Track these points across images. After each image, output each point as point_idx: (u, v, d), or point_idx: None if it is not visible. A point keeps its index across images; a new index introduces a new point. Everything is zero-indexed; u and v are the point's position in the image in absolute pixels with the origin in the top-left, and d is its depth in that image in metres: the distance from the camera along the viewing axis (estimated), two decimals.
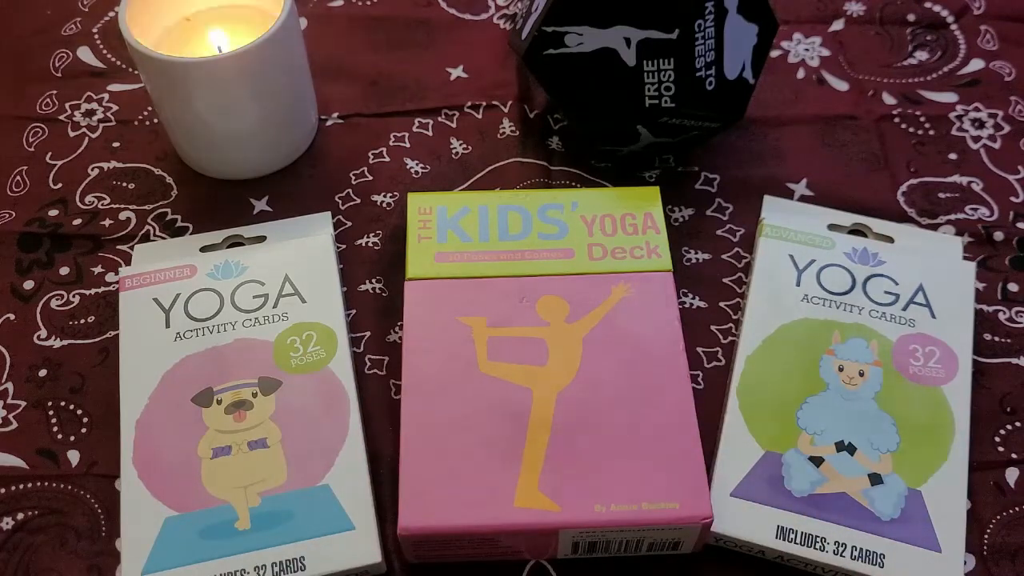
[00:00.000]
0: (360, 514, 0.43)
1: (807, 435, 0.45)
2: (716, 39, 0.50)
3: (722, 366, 0.49)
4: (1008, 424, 0.47)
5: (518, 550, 0.43)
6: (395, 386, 0.49)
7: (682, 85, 0.50)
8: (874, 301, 0.49)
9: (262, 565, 0.42)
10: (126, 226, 0.55)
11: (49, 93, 0.61)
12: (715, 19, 0.49)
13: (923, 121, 0.59)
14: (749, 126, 0.59)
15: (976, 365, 0.49)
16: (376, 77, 0.62)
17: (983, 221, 0.55)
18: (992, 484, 0.46)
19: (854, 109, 0.60)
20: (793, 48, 0.63)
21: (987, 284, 0.52)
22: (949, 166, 0.57)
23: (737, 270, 0.53)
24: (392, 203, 0.56)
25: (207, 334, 0.48)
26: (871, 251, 0.51)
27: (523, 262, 0.49)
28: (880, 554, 0.42)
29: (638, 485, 0.42)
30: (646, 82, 0.50)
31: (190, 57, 0.50)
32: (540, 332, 0.47)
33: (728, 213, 0.55)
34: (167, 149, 0.58)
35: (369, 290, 0.53)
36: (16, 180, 0.57)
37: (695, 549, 0.43)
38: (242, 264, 0.51)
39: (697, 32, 0.49)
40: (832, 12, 0.66)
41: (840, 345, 0.48)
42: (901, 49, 0.63)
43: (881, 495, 0.43)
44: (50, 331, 0.51)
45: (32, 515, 0.45)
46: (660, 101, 0.50)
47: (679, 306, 0.48)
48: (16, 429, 0.48)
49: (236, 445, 0.45)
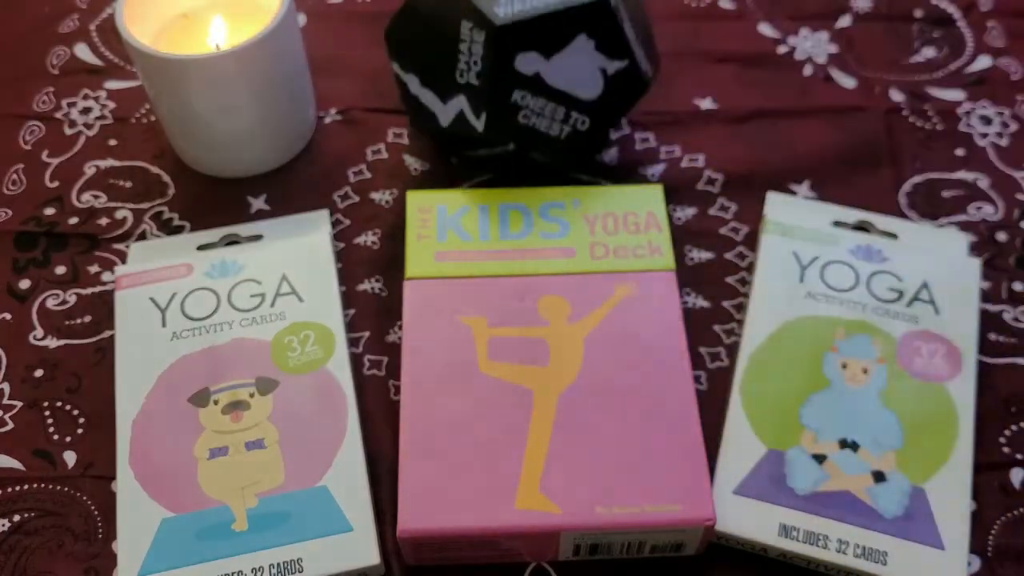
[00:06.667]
0: (358, 515, 0.43)
1: (810, 432, 0.45)
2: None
3: (725, 366, 0.49)
4: (1013, 424, 0.47)
5: (519, 552, 0.43)
6: (394, 386, 0.49)
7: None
8: (878, 298, 0.49)
9: (259, 567, 0.41)
10: (123, 225, 0.55)
11: (46, 90, 0.61)
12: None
13: (931, 116, 0.59)
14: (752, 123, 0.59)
15: (981, 366, 0.48)
16: (375, 73, 0.61)
17: (986, 221, 0.54)
18: (997, 485, 0.45)
19: (861, 106, 0.60)
20: (800, 44, 0.63)
21: (992, 284, 0.52)
22: (956, 162, 0.57)
23: (740, 269, 0.53)
24: (391, 201, 0.56)
25: (204, 334, 0.48)
26: (875, 248, 0.51)
27: (524, 261, 0.49)
28: (883, 552, 0.42)
29: (640, 487, 0.42)
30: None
31: (187, 54, 0.50)
32: (541, 332, 0.46)
33: (731, 212, 0.55)
34: (164, 147, 0.58)
35: (368, 289, 0.52)
36: (12, 178, 0.57)
37: (698, 551, 0.43)
38: (239, 263, 0.50)
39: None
40: (838, 8, 0.65)
41: (843, 342, 0.47)
42: (908, 46, 0.63)
43: (884, 493, 0.43)
44: (46, 331, 0.51)
45: (28, 517, 0.45)
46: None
47: (682, 306, 0.48)
48: (12, 430, 0.47)
49: (233, 446, 0.44)
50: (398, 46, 0.53)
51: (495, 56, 0.48)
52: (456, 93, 0.50)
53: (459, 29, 0.48)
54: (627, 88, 0.52)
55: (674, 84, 0.60)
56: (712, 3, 0.65)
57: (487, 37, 0.47)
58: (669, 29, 0.62)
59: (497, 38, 0.47)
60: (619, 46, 0.50)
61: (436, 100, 0.51)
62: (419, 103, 0.53)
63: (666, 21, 0.63)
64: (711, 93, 0.60)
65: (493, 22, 0.47)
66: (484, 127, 0.49)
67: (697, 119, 0.59)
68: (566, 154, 0.52)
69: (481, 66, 0.48)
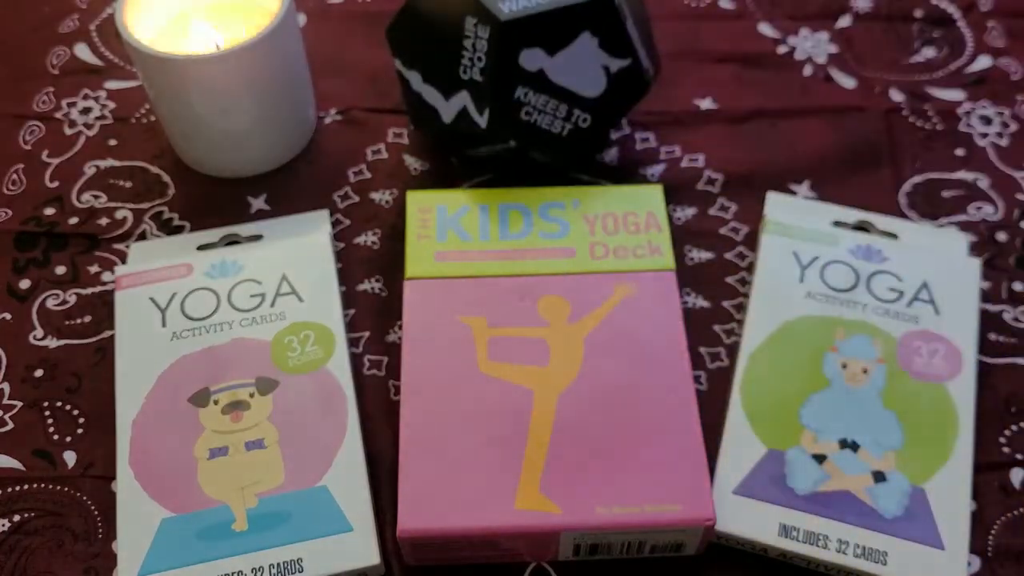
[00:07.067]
0: (358, 515, 0.43)
1: (810, 432, 0.45)
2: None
3: (725, 366, 0.49)
4: (1013, 424, 0.47)
5: (519, 552, 0.43)
6: (394, 386, 0.49)
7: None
8: (878, 298, 0.49)
9: (259, 567, 0.41)
10: (123, 225, 0.55)
11: (46, 90, 0.61)
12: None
13: (931, 116, 0.59)
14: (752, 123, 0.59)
15: (981, 366, 0.48)
16: (375, 73, 0.61)
17: (986, 221, 0.54)
18: (997, 485, 0.45)
19: (861, 106, 0.59)
20: (800, 44, 0.63)
21: (992, 284, 0.52)
22: (956, 162, 0.57)
23: (740, 269, 0.53)
24: (391, 201, 0.56)
25: (204, 333, 0.48)
26: (875, 248, 0.51)
27: (524, 261, 0.49)
28: (883, 552, 0.42)
29: (640, 487, 0.42)
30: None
31: (187, 54, 0.50)
32: (541, 332, 0.46)
33: (731, 212, 0.55)
34: (164, 147, 0.58)
35: (368, 289, 0.52)
36: (12, 178, 0.57)
37: (698, 551, 0.43)
38: (239, 263, 0.50)
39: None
40: (838, 8, 0.65)
41: (844, 342, 0.47)
42: (908, 46, 0.63)
43: (884, 493, 0.43)
44: (46, 331, 0.50)
45: (28, 517, 0.45)
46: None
47: (682, 306, 0.48)
48: (12, 430, 0.47)
49: (233, 446, 0.44)
50: (401, 42, 0.53)
51: (499, 52, 0.48)
52: (459, 89, 0.50)
53: (463, 25, 0.48)
54: (629, 87, 0.52)
55: (674, 84, 0.60)
56: (712, 3, 0.65)
57: (492, 33, 0.47)
58: (669, 29, 0.62)
59: (502, 34, 0.47)
60: (622, 44, 0.50)
61: (439, 97, 0.51)
62: (421, 100, 0.53)
63: (666, 21, 0.63)
64: (711, 93, 0.60)
65: (498, 18, 0.47)
66: (487, 123, 0.49)
67: (697, 119, 0.59)
68: (567, 152, 0.52)
69: (485, 62, 0.48)
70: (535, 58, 0.49)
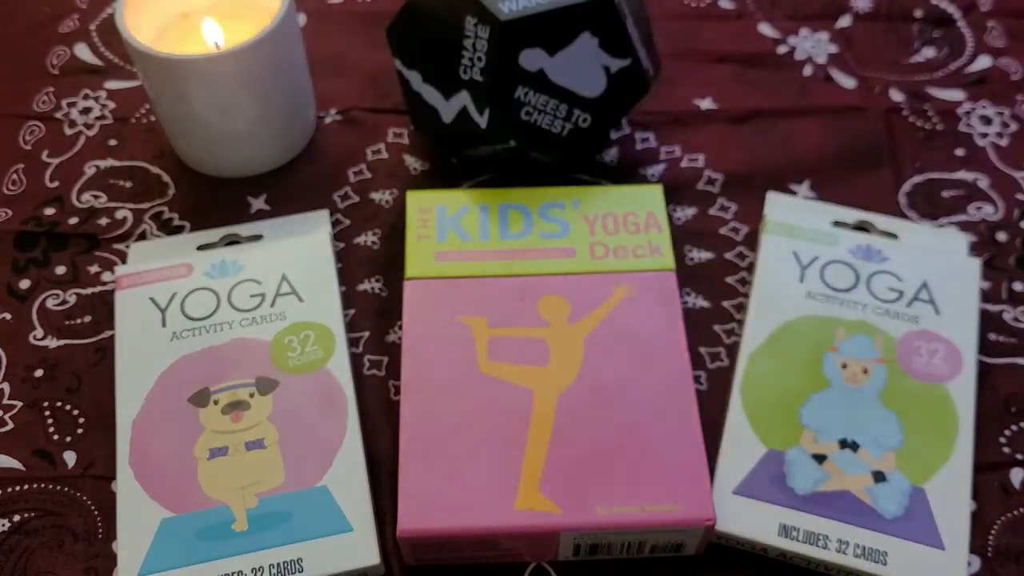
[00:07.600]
0: (358, 515, 0.43)
1: (810, 432, 0.45)
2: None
3: (725, 366, 0.49)
4: (1013, 424, 0.47)
5: (519, 552, 0.43)
6: (394, 386, 0.49)
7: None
8: (878, 298, 0.49)
9: (259, 567, 0.41)
10: (123, 225, 0.54)
11: (46, 91, 0.61)
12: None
13: (931, 116, 0.59)
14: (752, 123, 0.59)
15: (981, 365, 0.48)
16: (375, 73, 0.61)
17: (986, 221, 0.54)
18: (997, 485, 0.45)
19: (861, 106, 0.59)
20: (800, 44, 0.63)
21: (992, 284, 0.52)
22: (956, 162, 0.57)
23: (740, 269, 0.53)
24: (391, 201, 0.56)
25: (204, 334, 0.48)
26: (875, 248, 0.50)
27: (524, 261, 0.49)
28: (883, 552, 0.42)
29: (640, 487, 0.42)
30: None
31: (187, 54, 0.50)
32: (541, 332, 0.46)
33: (731, 212, 0.55)
34: (164, 147, 0.58)
35: (368, 289, 0.52)
36: (12, 178, 0.57)
37: (698, 551, 0.43)
38: (239, 263, 0.50)
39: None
40: (838, 8, 0.65)
41: (844, 342, 0.47)
42: (908, 46, 0.63)
43: (884, 493, 0.43)
44: (46, 331, 0.50)
45: (28, 517, 0.45)
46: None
47: (682, 306, 0.48)
48: (12, 430, 0.47)
49: (233, 446, 0.44)
50: (401, 42, 0.53)
51: (500, 52, 0.48)
52: (459, 89, 0.50)
53: (464, 25, 0.48)
54: (629, 87, 0.52)
55: (674, 84, 0.60)
56: (712, 3, 0.65)
57: (492, 33, 0.47)
58: (669, 29, 0.62)
59: (502, 34, 0.47)
60: (622, 44, 0.50)
61: (439, 96, 0.51)
62: (421, 100, 0.53)
63: (666, 21, 0.63)
64: (711, 93, 0.60)
65: (498, 18, 0.47)
66: (487, 123, 0.49)
67: (697, 119, 0.59)
68: (567, 152, 0.52)
69: (485, 62, 0.48)
70: (535, 58, 0.49)
